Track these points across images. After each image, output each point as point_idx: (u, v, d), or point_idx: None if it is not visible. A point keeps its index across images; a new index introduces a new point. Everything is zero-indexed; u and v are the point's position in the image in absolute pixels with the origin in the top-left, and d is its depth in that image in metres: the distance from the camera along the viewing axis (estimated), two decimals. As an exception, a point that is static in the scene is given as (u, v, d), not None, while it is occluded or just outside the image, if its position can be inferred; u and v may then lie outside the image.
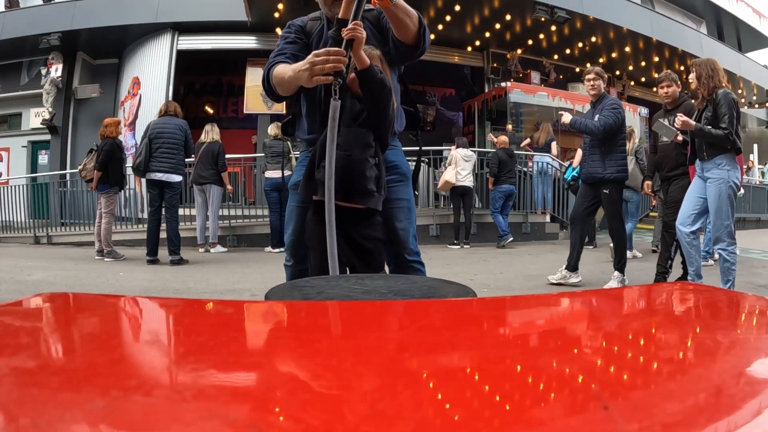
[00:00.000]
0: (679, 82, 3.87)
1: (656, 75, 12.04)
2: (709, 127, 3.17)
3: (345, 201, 1.42)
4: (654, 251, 5.81)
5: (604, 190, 3.89)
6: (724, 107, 3.13)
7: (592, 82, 3.92)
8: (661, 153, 3.87)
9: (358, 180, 1.42)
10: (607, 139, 3.80)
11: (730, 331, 0.55)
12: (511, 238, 6.65)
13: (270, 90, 1.59)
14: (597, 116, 3.81)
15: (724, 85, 3.24)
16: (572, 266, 4.01)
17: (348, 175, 1.40)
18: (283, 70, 1.50)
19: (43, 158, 10.69)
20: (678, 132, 3.53)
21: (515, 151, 7.32)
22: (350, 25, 1.32)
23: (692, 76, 3.33)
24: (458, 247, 6.64)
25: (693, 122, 3.22)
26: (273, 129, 6.25)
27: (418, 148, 1.87)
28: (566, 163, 7.03)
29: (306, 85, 1.38)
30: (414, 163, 1.94)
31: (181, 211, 5.43)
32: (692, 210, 3.29)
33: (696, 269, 3.38)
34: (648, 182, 4.31)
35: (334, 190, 1.35)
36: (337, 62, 1.31)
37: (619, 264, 3.95)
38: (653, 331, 0.55)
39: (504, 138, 7.12)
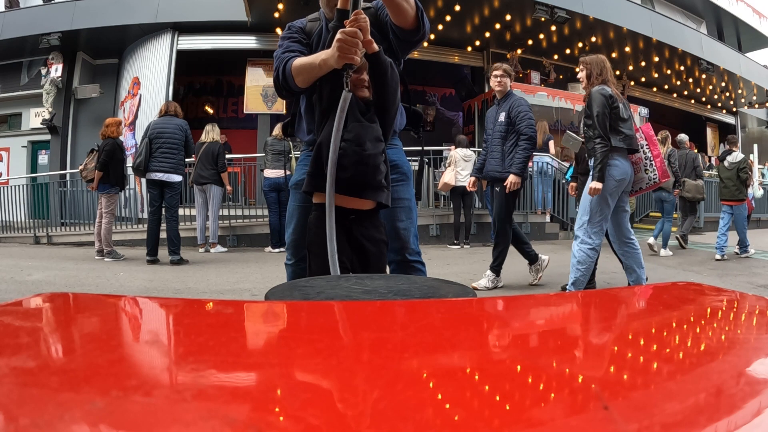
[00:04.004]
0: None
1: (656, 75, 11.86)
2: (591, 171, 3.05)
3: (357, 196, 1.41)
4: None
5: (496, 188, 3.81)
6: (592, 106, 2.97)
7: (498, 79, 3.82)
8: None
9: (373, 174, 1.40)
10: (507, 139, 3.74)
11: (730, 331, 0.55)
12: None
13: (284, 85, 1.56)
14: (503, 113, 3.76)
15: (610, 81, 3.07)
16: (533, 260, 3.95)
17: (363, 169, 1.38)
18: (311, 58, 1.48)
19: (43, 158, 10.69)
20: (583, 142, 3.44)
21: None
22: (351, 16, 1.32)
23: (581, 75, 3.17)
24: (458, 247, 6.65)
25: (592, 187, 3.00)
26: (277, 129, 6.29)
27: (418, 148, 1.87)
28: (566, 163, 7.06)
29: (336, 66, 1.36)
30: (415, 164, 1.94)
31: (181, 211, 5.43)
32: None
33: (583, 274, 3.08)
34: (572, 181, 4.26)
35: (335, 180, 1.33)
36: (359, 43, 1.31)
37: (495, 263, 3.82)
38: (653, 331, 0.55)
39: None
